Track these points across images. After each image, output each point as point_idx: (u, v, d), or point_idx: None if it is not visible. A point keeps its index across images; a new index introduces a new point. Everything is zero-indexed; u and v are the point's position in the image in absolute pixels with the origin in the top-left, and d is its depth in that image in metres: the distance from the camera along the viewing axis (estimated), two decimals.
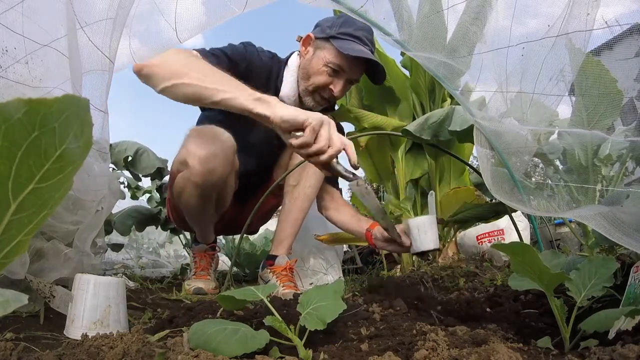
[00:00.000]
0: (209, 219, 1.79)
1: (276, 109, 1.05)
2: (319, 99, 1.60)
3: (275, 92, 1.62)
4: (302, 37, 1.63)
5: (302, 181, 1.62)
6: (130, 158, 1.64)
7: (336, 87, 1.55)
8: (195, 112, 1.83)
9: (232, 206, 1.92)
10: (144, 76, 1.18)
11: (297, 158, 1.63)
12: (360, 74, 1.62)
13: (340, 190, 1.91)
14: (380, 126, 1.96)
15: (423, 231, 1.41)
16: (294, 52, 1.68)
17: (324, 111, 1.65)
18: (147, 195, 2.90)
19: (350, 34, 1.52)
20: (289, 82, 1.62)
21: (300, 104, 1.63)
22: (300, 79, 1.61)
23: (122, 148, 1.69)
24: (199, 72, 1.15)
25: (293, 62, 1.64)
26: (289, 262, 1.59)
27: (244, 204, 1.85)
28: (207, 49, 1.49)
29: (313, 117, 1.02)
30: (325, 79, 1.55)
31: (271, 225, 2.25)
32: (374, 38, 1.59)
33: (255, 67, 1.56)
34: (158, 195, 2.78)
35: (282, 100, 1.56)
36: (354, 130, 2.39)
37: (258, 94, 1.09)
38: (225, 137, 1.52)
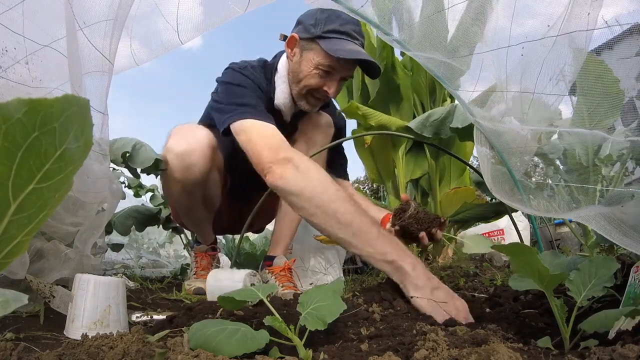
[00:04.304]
0: (201, 217, 1.82)
1: (409, 283, 0.97)
2: (313, 100, 1.55)
3: (270, 101, 1.58)
4: (285, 36, 1.54)
5: None
6: (128, 153, 1.65)
7: (331, 89, 1.48)
8: (196, 112, 1.84)
9: (236, 205, 1.92)
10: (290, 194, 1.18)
11: None
12: (353, 70, 1.53)
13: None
14: (386, 125, 1.96)
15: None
16: (283, 53, 1.61)
17: (320, 109, 1.65)
18: (150, 194, 2.90)
19: (337, 31, 1.41)
20: (281, 89, 1.57)
21: (294, 106, 1.60)
22: (291, 83, 1.55)
23: (120, 144, 1.70)
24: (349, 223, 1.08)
25: (282, 67, 1.58)
26: (287, 263, 1.58)
27: (247, 203, 1.86)
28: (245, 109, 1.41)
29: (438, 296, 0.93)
30: (317, 81, 1.47)
31: (272, 225, 2.25)
32: (361, 29, 1.48)
33: (260, 86, 1.53)
34: (162, 193, 2.77)
35: (278, 108, 1.59)
36: (356, 128, 2.39)
37: (392, 256, 1.00)
38: (202, 133, 1.57)
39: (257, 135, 1.32)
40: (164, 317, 0.96)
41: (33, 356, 0.61)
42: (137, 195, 2.88)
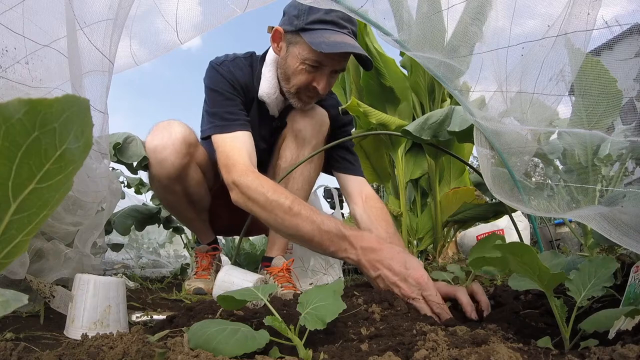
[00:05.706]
0: (189, 216, 1.83)
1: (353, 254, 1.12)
2: (305, 98, 1.48)
3: (253, 92, 1.55)
4: (273, 28, 1.44)
5: (290, 184, 1.59)
6: (119, 145, 1.64)
7: (320, 84, 1.40)
8: (195, 112, 1.84)
9: (235, 205, 1.92)
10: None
11: (283, 159, 1.62)
12: (345, 61, 1.42)
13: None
14: (386, 123, 1.96)
15: None
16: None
17: (315, 104, 1.60)
18: (151, 192, 2.90)
19: (321, 21, 1.31)
20: (267, 79, 1.50)
21: (284, 101, 1.57)
22: (280, 80, 1.49)
23: (113, 139, 1.70)
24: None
25: (270, 57, 1.51)
26: (285, 263, 1.58)
27: None
28: (213, 109, 1.47)
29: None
30: (306, 77, 1.39)
31: None
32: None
33: (238, 79, 1.50)
34: None
35: (261, 99, 1.54)
36: (355, 130, 2.39)
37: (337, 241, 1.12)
38: (177, 129, 1.57)
39: (220, 153, 1.40)
40: (164, 317, 0.96)
41: (33, 356, 0.61)
42: (138, 192, 2.89)
